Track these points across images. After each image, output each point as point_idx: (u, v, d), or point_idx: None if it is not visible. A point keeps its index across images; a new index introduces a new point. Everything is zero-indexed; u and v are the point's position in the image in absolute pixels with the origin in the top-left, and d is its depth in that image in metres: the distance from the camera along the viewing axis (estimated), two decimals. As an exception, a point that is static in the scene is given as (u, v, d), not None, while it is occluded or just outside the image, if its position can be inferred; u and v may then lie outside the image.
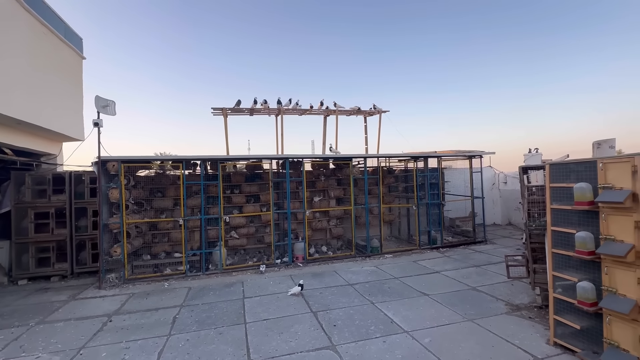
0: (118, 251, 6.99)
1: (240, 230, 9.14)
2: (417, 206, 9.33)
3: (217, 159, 7.88)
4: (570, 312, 3.84)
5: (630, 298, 3.20)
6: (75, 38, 8.71)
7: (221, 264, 7.71)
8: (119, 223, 6.95)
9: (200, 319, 5.16)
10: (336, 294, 6.06)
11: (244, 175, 9.50)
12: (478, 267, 7.48)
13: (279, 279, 7.15)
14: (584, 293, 3.54)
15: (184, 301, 5.97)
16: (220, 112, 9.76)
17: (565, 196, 3.85)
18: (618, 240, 3.28)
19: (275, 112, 10.27)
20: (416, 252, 9.17)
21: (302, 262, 8.27)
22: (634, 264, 3.17)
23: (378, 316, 5.05)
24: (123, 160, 7.02)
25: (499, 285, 6.24)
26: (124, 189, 7.00)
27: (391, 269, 7.65)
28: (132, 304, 5.90)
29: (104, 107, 6.64)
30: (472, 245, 9.74)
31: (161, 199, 8.65)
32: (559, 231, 3.93)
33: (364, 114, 11.34)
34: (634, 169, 3.14)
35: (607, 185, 3.36)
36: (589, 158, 3.66)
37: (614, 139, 3.96)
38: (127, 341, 4.50)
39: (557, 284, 4.00)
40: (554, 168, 4.00)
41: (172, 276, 7.41)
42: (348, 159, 8.97)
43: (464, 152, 10.28)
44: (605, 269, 3.42)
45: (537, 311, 4.99)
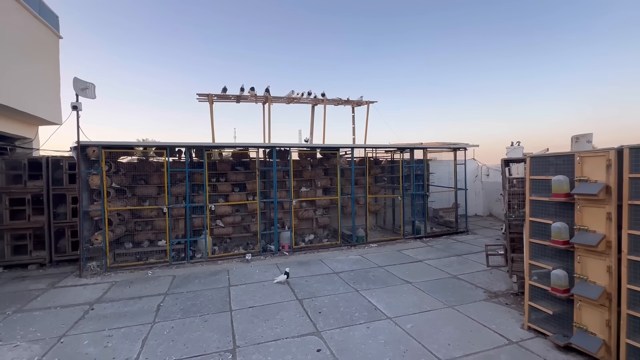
0: (99, 239, 6.83)
1: (226, 219, 9.07)
2: (402, 197, 9.49)
3: (202, 146, 7.74)
4: (544, 299, 4.03)
5: (599, 285, 3.38)
6: (50, 15, 8.24)
7: (206, 253, 7.66)
8: (100, 210, 6.77)
9: (185, 306, 5.14)
10: (322, 282, 6.15)
11: (230, 164, 9.39)
12: (459, 257, 7.72)
13: (265, 267, 7.18)
14: (558, 280, 3.72)
15: (169, 289, 5.92)
16: (205, 99, 9.53)
17: (544, 188, 3.99)
18: (591, 231, 3.45)
19: (262, 100, 10.12)
20: (400, 241, 9.36)
21: (288, 250, 8.32)
22: (604, 253, 3.34)
23: (362, 303, 5.16)
24: (104, 146, 6.80)
25: (479, 273, 6.47)
26: (105, 176, 6.80)
27: (376, 257, 7.79)
28: (115, 292, 5.81)
29: (83, 90, 6.37)
30: (454, 235, 10.02)
31: (144, 186, 8.46)
32: (537, 222, 4.08)
33: (352, 104, 11.33)
34: (608, 163, 3.28)
35: (583, 178, 3.50)
36: (567, 152, 3.79)
37: (591, 133, 4.12)
38: (110, 329, 4.45)
39: (533, 272, 4.18)
40: (534, 161, 4.14)
41: (156, 264, 7.32)
42: (335, 149, 8.98)
43: (449, 144, 10.46)
44: (578, 258, 3.59)
45: (514, 298, 5.22)
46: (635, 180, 3.09)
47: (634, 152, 3.11)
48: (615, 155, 3.25)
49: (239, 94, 9.58)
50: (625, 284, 3.17)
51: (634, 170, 3.10)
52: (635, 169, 3.10)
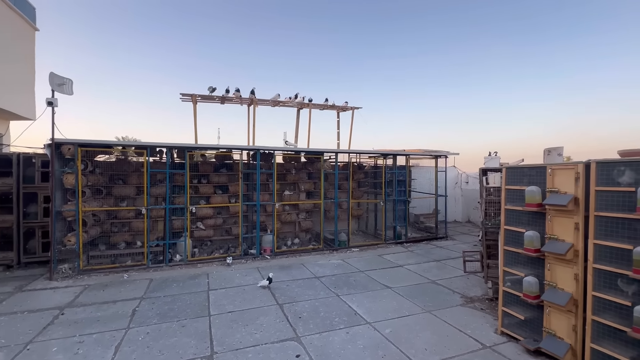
0: (72, 240, 6.57)
1: (207, 221, 8.93)
2: (385, 202, 9.62)
3: (184, 147, 7.60)
4: (517, 304, 4.19)
5: (567, 292, 3.55)
6: (27, 7, 7.91)
7: (186, 255, 7.50)
8: (74, 210, 6.52)
9: (162, 311, 5.02)
10: (303, 287, 6.14)
11: (212, 165, 9.25)
12: (438, 262, 7.89)
13: (246, 271, 7.10)
14: (529, 287, 3.88)
15: (145, 293, 5.76)
16: (189, 99, 9.38)
17: (518, 198, 4.16)
18: (560, 240, 3.62)
19: (247, 102, 10.05)
20: (382, 246, 9.48)
21: (270, 254, 8.26)
22: (572, 261, 3.51)
23: (342, 308, 5.19)
24: (80, 144, 6.57)
25: (456, 278, 6.64)
26: (80, 175, 6.56)
27: (357, 262, 7.86)
28: (88, 296, 5.60)
29: (60, 86, 6.14)
30: (434, 240, 10.24)
31: (122, 186, 8.21)
32: (511, 230, 4.24)
33: (337, 109, 11.42)
34: (577, 176, 3.46)
35: (554, 189, 3.67)
36: (540, 164, 3.97)
37: (562, 147, 4.33)
38: (81, 335, 4.28)
39: (506, 279, 4.34)
40: (510, 171, 4.30)
41: (132, 267, 7.11)
42: (320, 153, 9.02)
43: (431, 151, 10.71)
44: (548, 266, 3.76)
45: (489, 303, 5.38)
46: (601, 192, 3.27)
47: (600, 167, 3.29)
48: (583, 168, 3.44)
49: (223, 95, 9.48)
50: (590, 291, 3.34)
51: (600, 184, 3.28)
52: (601, 182, 3.28)
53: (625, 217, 3.07)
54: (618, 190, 3.13)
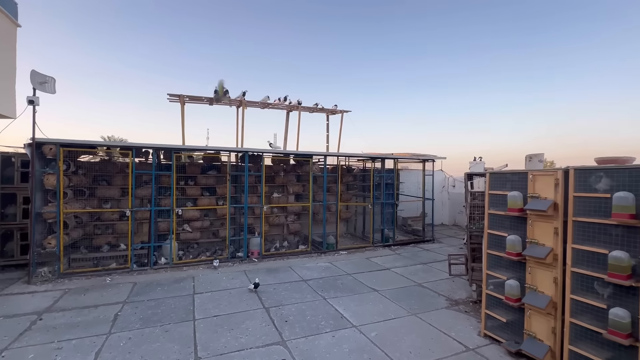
0: (53, 243, 6.39)
1: (194, 224, 8.82)
2: (373, 205, 9.69)
3: (171, 148, 7.49)
4: (499, 307, 4.27)
5: (547, 295, 3.64)
6: (8, 2, 7.67)
7: (171, 258, 7.38)
8: (55, 212, 6.34)
9: (145, 316, 4.92)
10: (290, 290, 6.12)
11: (200, 167, 9.15)
12: (425, 265, 7.98)
13: (233, 274, 7.03)
14: (511, 290, 3.96)
15: (128, 297, 5.64)
16: (177, 99, 9.26)
17: (501, 203, 4.25)
18: (540, 244, 3.72)
19: (236, 104, 9.99)
20: (370, 249, 9.53)
21: (258, 257, 8.20)
22: (551, 265, 3.61)
23: (329, 311, 5.19)
24: (63, 144, 6.40)
25: (442, 281, 6.72)
26: (62, 175, 6.39)
27: (345, 265, 7.88)
28: (67, 301, 5.45)
29: (42, 84, 5.99)
30: (421, 243, 10.35)
31: (106, 187, 8.04)
32: (494, 234, 4.33)
33: (327, 112, 11.47)
34: (556, 182, 3.57)
35: (534, 194, 3.77)
36: (522, 170, 4.08)
37: (543, 153, 4.46)
38: (60, 341, 4.16)
39: (489, 282, 4.42)
40: (493, 177, 4.40)
41: (115, 271, 6.95)
42: (309, 155, 9.02)
43: (418, 155, 10.85)
44: (529, 269, 3.85)
45: (473, 305, 5.47)
46: (579, 198, 3.38)
47: (578, 173, 3.40)
48: (562, 175, 3.54)
49: (212, 97, 9.39)
50: (569, 294, 3.43)
51: (578, 190, 3.39)
52: (579, 188, 3.38)
53: (602, 223, 3.18)
54: (595, 196, 3.24)
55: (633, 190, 2.97)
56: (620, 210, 2.97)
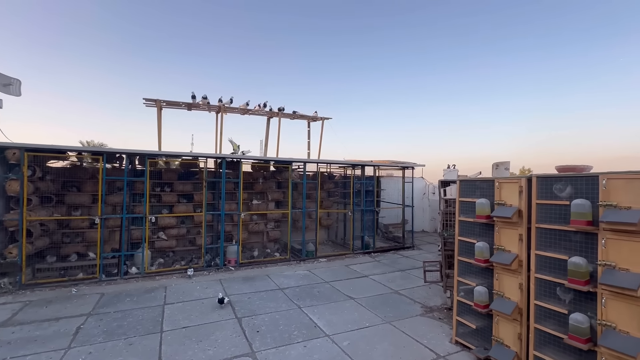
0: (14, 252, 6.07)
1: (170, 231, 8.59)
2: (353, 212, 9.69)
3: (145, 154, 7.30)
4: (469, 314, 4.30)
5: (513, 301, 3.69)
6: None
7: (143, 268, 7.13)
8: (17, 220, 6.04)
9: (109, 328, 4.70)
10: (265, 299, 6.00)
11: (177, 173, 8.96)
12: (403, 272, 8.00)
13: (207, 283, 6.85)
14: (479, 296, 3.99)
15: (93, 309, 5.39)
16: (153, 104, 9.07)
17: (470, 210, 4.31)
18: (507, 251, 3.77)
19: (215, 109, 9.87)
20: (349, 256, 9.50)
21: (235, 265, 8.04)
22: (517, 271, 3.66)
23: (303, 321, 5.11)
24: (28, 149, 6.13)
25: (418, 288, 6.75)
26: (26, 181, 6.11)
27: (323, 272, 7.81)
28: (27, 314, 5.15)
29: (6, 86, 5.75)
30: (401, 250, 10.40)
31: (76, 194, 7.75)
32: (464, 241, 4.38)
33: (308, 119, 11.49)
34: (520, 189, 3.64)
35: (500, 202, 3.84)
36: (489, 177, 4.16)
37: (509, 161, 4.58)
38: (14, 357, 3.91)
39: (460, 288, 4.45)
40: (463, 184, 4.47)
41: (83, 281, 6.65)
42: (288, 162, 8.98)
43: (398, 162, 10.97)
44: (496, 275, 3.90)
45: (447, 312, 5.49)
46: (541, 205, 3.46)
47: (541, 181, 3.48)
48: (526, 182, 3.63)
49: (190, 102, 9.26)
50: (533, 299, 3.49)
51: (540, 197, 3.47)
52: (541, 196, 3.47)
53: (562, 229, 3.26)
54: (555, 203, 3.32)
55: (590, 198, 3.06)
56: (578, 217, 3.05)
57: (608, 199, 2.91)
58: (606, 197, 2.92)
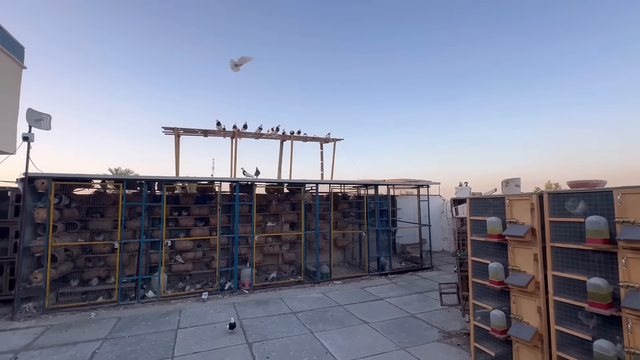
0: (39, 277, 6.34)
1: (186, 255, 8.74)
2: (367, 232, 9.55)
3: (162, 180, 7.60)
4: (488, 340, 4.05)
5: (532, 326, 3.46)
6: (15, 46, 8.22)
7: (159, 291, 7.25)
8: (43, 246, 6.36)
9: (122, 353, 4.76)
10: (277, 323, 5.91)
11: (193, 197, 9.22)
12: (420, 294, 7.70)
13: (221, 307, 6.85)
14: (496, 321, 3.77)
15: (109, 333, 5.49)
16: (172, 132, 9.53)
17: (482, 228, 4.16)
18: (522, 271, 3.59)
19: (230, 135, 10.23)
20: (365, 278, 9.28)
21: (249, 288, 8.02)
22: (534, 293, 3.46)
23: (314, 346, 4.97)
24: (54, 178, 6.54)
25: (436, 312, 6.45)
26: (52, 209, 6.47)
27: (338, 295, 7.64)
28: (47, 338, 5.31)
29: (37, 121, 6.23)
30: (419, 271, 10.05)
31: (99, 220, 8.09)
32: (478, 261, 4.21)
33: (320, 140, 11.65)
34: (532, 207, 3.51)
35: (512, 220, 3.70)
36: (499, 195, 4.03)
37: (519, 178, 4.42)
38: (30, 382, 4.02)
39: (476, 312, 4.23)
40: (474, 202, 4.34)
41: (101, 305, 6.82)
42: (301, 184, 9.06)
43: (412, 181, 10.82)
44: (513, 298, 3.69)
45: (466, 338, 5.20)
46: (555, 223, 3.30)
47: (552, 197, 3.35)
48: (537, 199, 3.49)
49: (206, 129, 9.66)
50: (553, 324, 3.26)
51: (553, 214, 3.32)
52: (554, 213, 3.32)
53: (578, 248, 3.08)
54: (569, 220, 3.16)
55: (605, 214, 2.91)
56: (593, 234, 2.89)
57: (625, 215, 2.75)
58: (622, 214, 2.76)
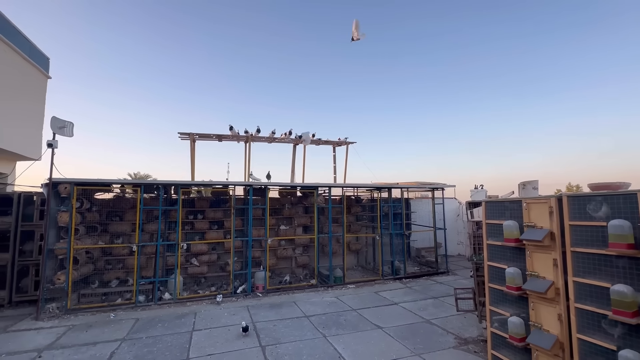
0: (62, 279, 6.58)
1: (202, 258, 8.88)
2: (381, 236, 9.45)
3: (178, 184, 7.77)
4: (505, 347, 3.93)
5: (552, 334, 3.34)
6: (40, 57, 8.63)
7: (175, 294, 7.39)
8: (65, 248, 6.60)
9: (140, 354, 4.87)
10: (290, 327, 5.92)
11: (208, 201, 9.38)
12: (436, 299, 7.55)
13: (235, 309, 6.91)
14: (514, 328, 3.66)
15: (127, 334, 5.63)
16: (187, 137, 9.75)
17: (498, 232, 4.05)
18: (541, 277, 3.47)
19: (244, 139, 10.37)
20: (379, 282, 9.17)
21: (263, 292, 8.06)
22: (554, 300, 3.34)
23: (327, 350, 4.95)
24: (77, 183, 6.80)
25: (452, 317, 6.31)
26: (74, 213, 6.72)
27: (351, 300, 7.59)
28: (69, 338, 5.50)
29: (61, 129, 6.50)
30: (434, 276, 9.86)
31: (119, 223, 8.34)
32: (494, 266, 4.10)
33: (333, 144, 11.65)
34: (550, 210, 3.39)
35: (530, 223, 3.59)
36: (516, 198, 3.92)
37: (537, 180, 4.29)
38: (53, 380, 4.16)
39: (493, 319, 4.12)
40: (489, 205, 4.24)
41: (120, 306, 7.00)
42: (314, 187, 9.08)
43: (426, 184, 10.65)
44: (531, 305, 3.57)
45: (483, 345, 5.05)
46: (575, 227, 3.18)
47: (572, 200, 3.23)
48: (556, 202, 3.38)
49: (220, 134, 9.83)
50: (575, 333, 3.14)
51: (573, 218, 3.20)
52: (574, 217, 3.20)
53: (601, 253, 2.96)
54: (590, 224, 3.04)
55: (629, 218, 2.78)
56: (617, 239, 2.77)
57: (650, 219, 2.62)
58: (648, 217, 2.64)
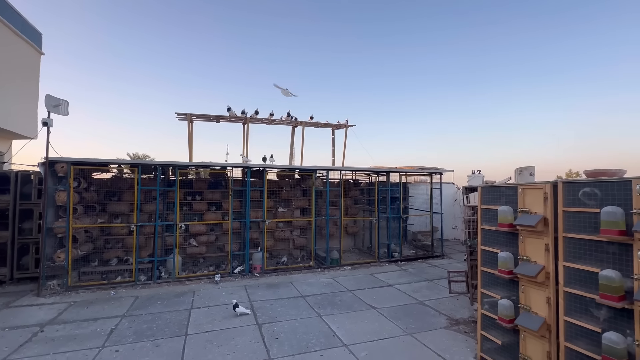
0: (62, 257, 6.67)
1: (200, 238, 8.98)
2: (378, 219, 9.54)
3: (176, 165, 7.75)
4: (495, 328, 4.04)
5: (540, 316, 3.43)
6: (33, 33, 8.38)
7: (174, 273, 7.51)
8: (64, 227, 6.65)
9: (139, 330, 5.00)
10: (286, 306, 6.06)
11: (207, 182, 9.39)
12: (430, 282, 7.71)
13: (233, 289, 7.06)
14: (504, 310, 3.75)
15: (127, 311, 5.76)
16: (184, 117, 9.64)
17: (493, 217, 4.08)
18: (532, 262, 3.53)
19: (242, 120, 10.26)
20: (375, 264, 9.33)
21: (260, 272, 8.21)
22: (543, 284, 3.40)
23: (322, 329, 5.09)
24: (73, 162, 6.77)
25: (445, 299, 6.46)
26: (72, 192, 6.73)
27: (347, 281, 7.74)
28: (70, 314, 5.63)
29: (55, 107, 6.41)
30: (429, 259, 10.03)
31: (117, 203, 8.38)
32: (487, 250, 4.15)
33: (332, 127, 11.56)
34: (545, 196, 3.41)
35: (524, 209, 3.61)
36: (512, 183, 3.93)
37: (534, 166, 4.29)
38: (55, 353, 4.29)
39: (484, 301, 4.21)
40: (485, 190, 4.25)
41: (120, 284, 7.14)
42: (312, 170, 9.08)
43: (424, 168, 10.66)
44: (522, 288, 3.65)
45: (473, 326, 5.20)
46: (568, 213, 3.20)
47: (567, 187, 3.24)
48: (551, 188, 3.38)
49: (218, 114, 9.72)
50: (562, 315, 3.22)
51: (567, 204, 3.22)
52: (568, 203, 3.21)
53: (592, 239, 2.99)
54: (584, 211, 3.06)
55: (622, 205, 2.80)
56: (609, 226, 2.79)
57: (643, 206, 2.64)
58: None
